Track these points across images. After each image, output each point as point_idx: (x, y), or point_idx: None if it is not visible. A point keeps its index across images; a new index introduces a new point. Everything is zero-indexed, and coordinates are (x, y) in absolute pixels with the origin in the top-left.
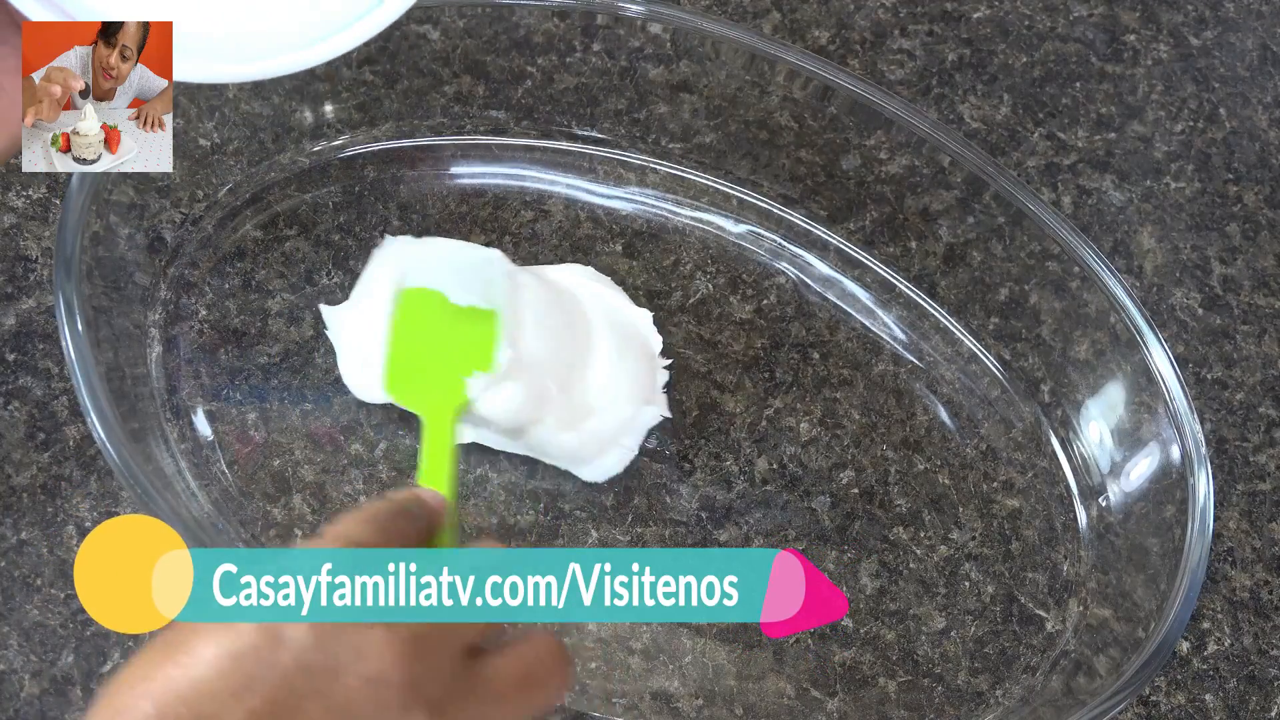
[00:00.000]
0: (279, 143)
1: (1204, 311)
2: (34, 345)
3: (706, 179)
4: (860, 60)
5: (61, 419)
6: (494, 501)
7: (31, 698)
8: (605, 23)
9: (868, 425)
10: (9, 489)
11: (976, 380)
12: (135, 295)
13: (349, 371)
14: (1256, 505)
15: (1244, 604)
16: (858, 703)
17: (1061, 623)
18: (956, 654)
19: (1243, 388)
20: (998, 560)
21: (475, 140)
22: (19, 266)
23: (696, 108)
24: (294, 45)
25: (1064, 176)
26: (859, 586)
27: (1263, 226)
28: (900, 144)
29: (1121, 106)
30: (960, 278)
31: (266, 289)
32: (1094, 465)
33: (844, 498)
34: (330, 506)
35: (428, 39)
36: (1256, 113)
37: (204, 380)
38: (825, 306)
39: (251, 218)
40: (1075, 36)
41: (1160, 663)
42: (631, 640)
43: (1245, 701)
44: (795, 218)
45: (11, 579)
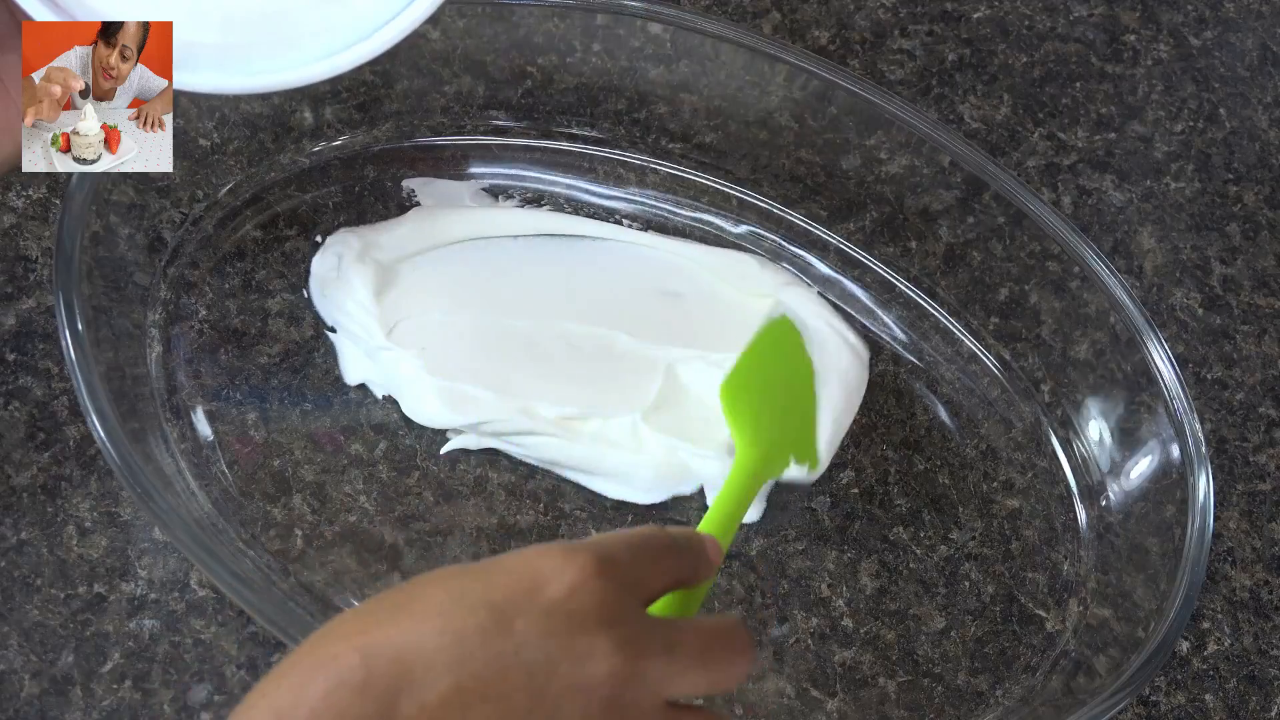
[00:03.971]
0: (279, 143)
1: (1204, 311)
2: (34, 345)
3: (706, 179)
4: (860, 60)
5: (61, 419)
6: (494, 501)
7: (31, 698)
8: (605, 23)
9: (868, 425)
10: (9, 489)
11: (976, 380)
12: (135, 295)
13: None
14: (1256, 505)
15: (1244, 604)
16: (858, 703)
17: (1061, 623)
18: (956, 654)
19: (1243, 388)
20: (998, 560)
21: (475, 140)
22: (19, 266)
23: (696, 108)
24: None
25: (1064, 176)
26: (859, 586)
27: (1263, 226)
28: (900, 144)
29: (1121, 106)
30: (960, 278)
31: (266, 289)
32: (1094, 465)
33: (844, 498)
34: (330, 506)
35: (428, 39)
36: (1256, 113)
37: (204, 380)
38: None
39: (251, 218)
40: (1075, 36)
41: (1160, 663)
42: None
43: (1245, 701)
44: (795, 218)
45: (11, 579)
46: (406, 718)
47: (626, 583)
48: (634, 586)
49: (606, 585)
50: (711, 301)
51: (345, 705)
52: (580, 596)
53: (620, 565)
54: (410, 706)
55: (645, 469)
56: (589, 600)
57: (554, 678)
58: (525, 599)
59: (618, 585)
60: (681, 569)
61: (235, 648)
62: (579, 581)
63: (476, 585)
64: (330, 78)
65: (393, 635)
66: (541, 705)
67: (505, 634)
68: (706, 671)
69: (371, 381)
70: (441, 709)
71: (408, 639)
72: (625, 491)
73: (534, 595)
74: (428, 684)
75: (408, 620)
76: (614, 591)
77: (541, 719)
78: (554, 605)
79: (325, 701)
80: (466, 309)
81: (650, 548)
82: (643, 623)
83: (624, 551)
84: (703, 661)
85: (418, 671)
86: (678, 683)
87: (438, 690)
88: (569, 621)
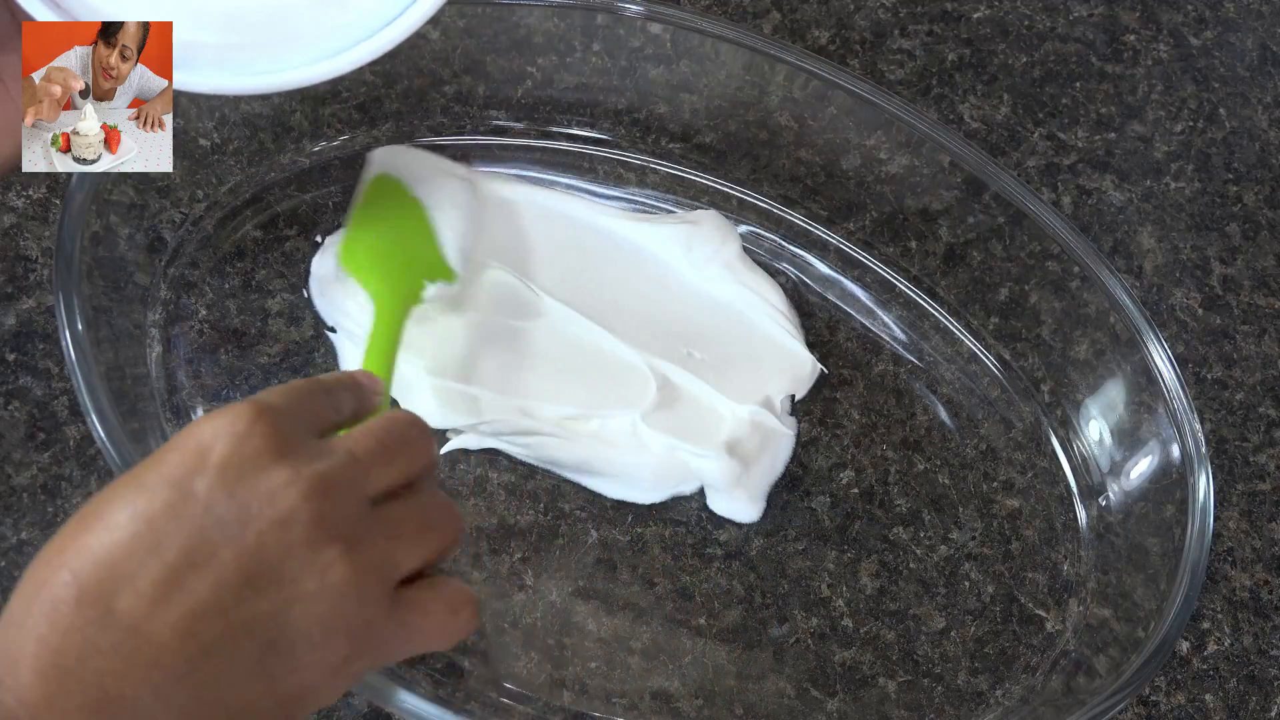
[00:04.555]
0: (279, 143)
1: (1204, 311)
2: (34, 345)
3: (706, 179)
4: (860, 60)
5: (61, 419)
6: (494, 501)
7: None
8: (605, 23)
9: (868, 425)
10: (9, 489)
11: (976, 380)
12: (135, 295)
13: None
14: (1256, 505)
15: (1244, 604)
16: (858, 703)
17: (1061, 623)
18: (956, 654)
19: (1243, 388)
20: (998, 560)
21: (475, 140)
22: (19, 266)
23: (696, 108)
24: (312, 58)
25: (1064, 176)
26: (859, 586)
27: (1263, 226)
28: (900, 144)
29: (1121, 106)
30: (960, 278)
31: (266, 289)
32: (1094, 465)
33: (844, 498)
34: None
35: (428, 39)
36: (1256, 113)
37: (204, 380)
38: (825, 306)
39: (251, 218)
40: (1075, 36)
41: (1160, 663)
42: (631, 640)
43: (1245, 701)
44: (795, 218)
45: (11, 579)
46: (125, 611)
47: (287, 419)
48: (297, 422)
49: (269, 426)
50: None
51: (67, 622)
52: (248, 442)
53: (278, 409)
54: (127, 600)
55: (645, 469)
56: (258, 443)
57: (250, 521)
58: (197, 464)
59: (278, 422)
60: (342, 405)
61: None
62: (243, 430)
63: (150, 469)
64: (332, 78)
65: (89, 542)
66: (248, 551)
67: (190, 501)
68: (393, 459)
69: None
70: (157, 590)
71: (103, 540)
72: (625, 491)
73: (204, 457)
74: (136, 574)
75: (99, 524)
76: (278, 428)
77: (253, 565)
78: (227, 459)
79: (49, 625)
80: (467, 307)
81: (306, 390)
82: (315, 445)
83: (279, 397)
84: (385, 453)
85: (121, 565)
86: (371, 479)
87: (147, 577)
88: (244, 467)
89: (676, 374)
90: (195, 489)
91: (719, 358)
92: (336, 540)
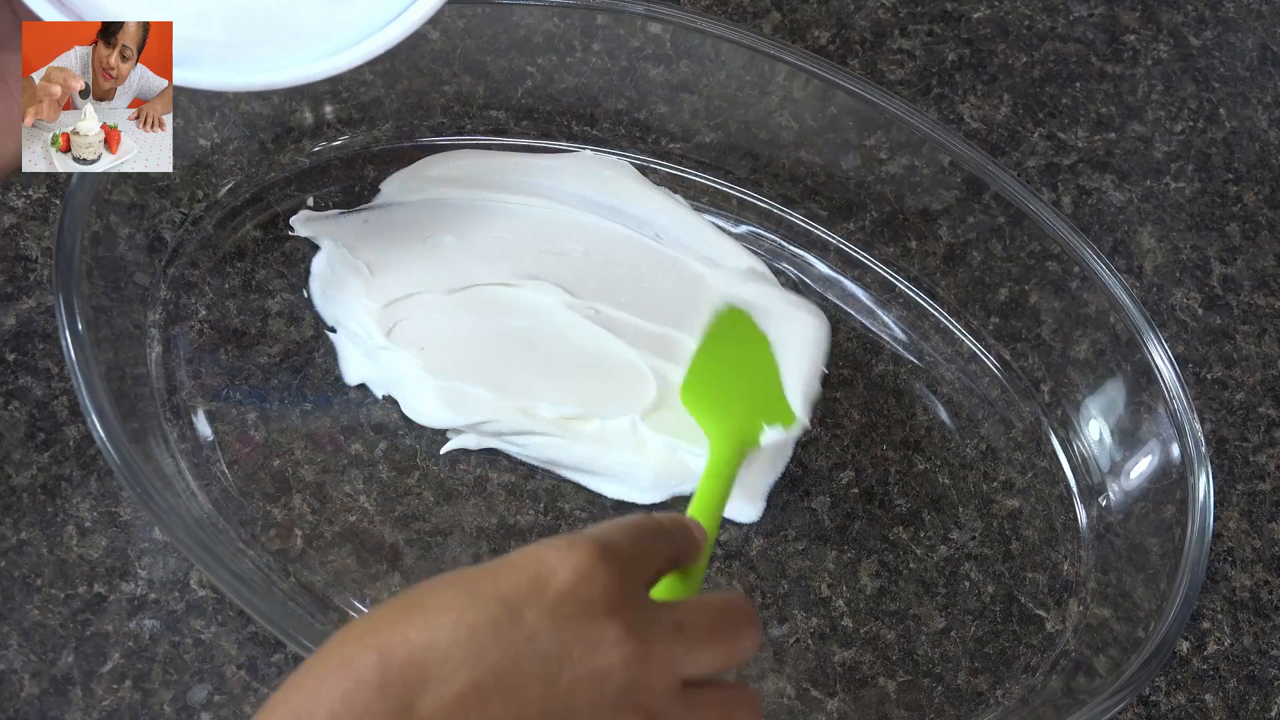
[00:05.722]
0: (279, 143)
1: (1204, 311)
2: (34, 345)
3: (706, 179)
4: (860, 60)
5: (61, 419)
6: (494, 501)
7: (31, 698)
8: (605, 23)
9: (868, 425)
10: (9, 489)
11: (976, 380)
12: (135, 295)
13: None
14: (1256, 505)
15: (1244, 604)
16: (858, 703)
17: (1061, 623)
18: (956, 654)
19: (1243, 388)
20: (998, 560)
21: (475, 140)
22: (19, 266)
23: (696, 108)
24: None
25: (1064, 176)
26: (859, 586)
27: (1263, 226)
28: (900, 144)
29: (1121, 106)
30: (960, 278)
31: (266, 289)
32: (1094, 465)
33: (844, 498)
34: (330, 506)
35: (428, 39)
36: (1256, 113)
37: (204, 380)
38: (825, 306)
39: (251, 218)
40: (1075, 36)
41: (1160, 663)
42: None
43: (1245, 701)
44: (795, 218)
45: (11, 579)
46: (425, 714)
47: (627, 567)
48: (635, 570)
49: (609, 570)
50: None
51: (364, 705)
52: (586, 584)
53: (619, 550)
54: (428, 703)
55: (645, 469)
56: (595, 587)
57: (567, 666)
58: (533, 591)
59: (619, 570)
60: (673, 550)
61: (235, 648)
62: (583, 569)
63: (486, 581)
64: (331, 76)
65: (408, 634)
66: (556, 694)
67: (517, 626)
68: (717, 646)
69: (371, 381)
70: (459, 703)
71: (422, 636)
72: (625, 491)
73: (542, 586)
74: (444, 680)
75: (421, 619)
76: (617, 576)
77: (556, 708)
78: (562, 594)
79: (344, 702)
80: (467, 308)
81: (645, 531)
82: (649, 606)
83: (621, 537)
84: (712, 637)
85: (433, 668)
86: (690, 661)
87: (454, 685)
88: (577, 609)
89: (677, 374)
90: (525, 615)
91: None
92: (639, 713)
